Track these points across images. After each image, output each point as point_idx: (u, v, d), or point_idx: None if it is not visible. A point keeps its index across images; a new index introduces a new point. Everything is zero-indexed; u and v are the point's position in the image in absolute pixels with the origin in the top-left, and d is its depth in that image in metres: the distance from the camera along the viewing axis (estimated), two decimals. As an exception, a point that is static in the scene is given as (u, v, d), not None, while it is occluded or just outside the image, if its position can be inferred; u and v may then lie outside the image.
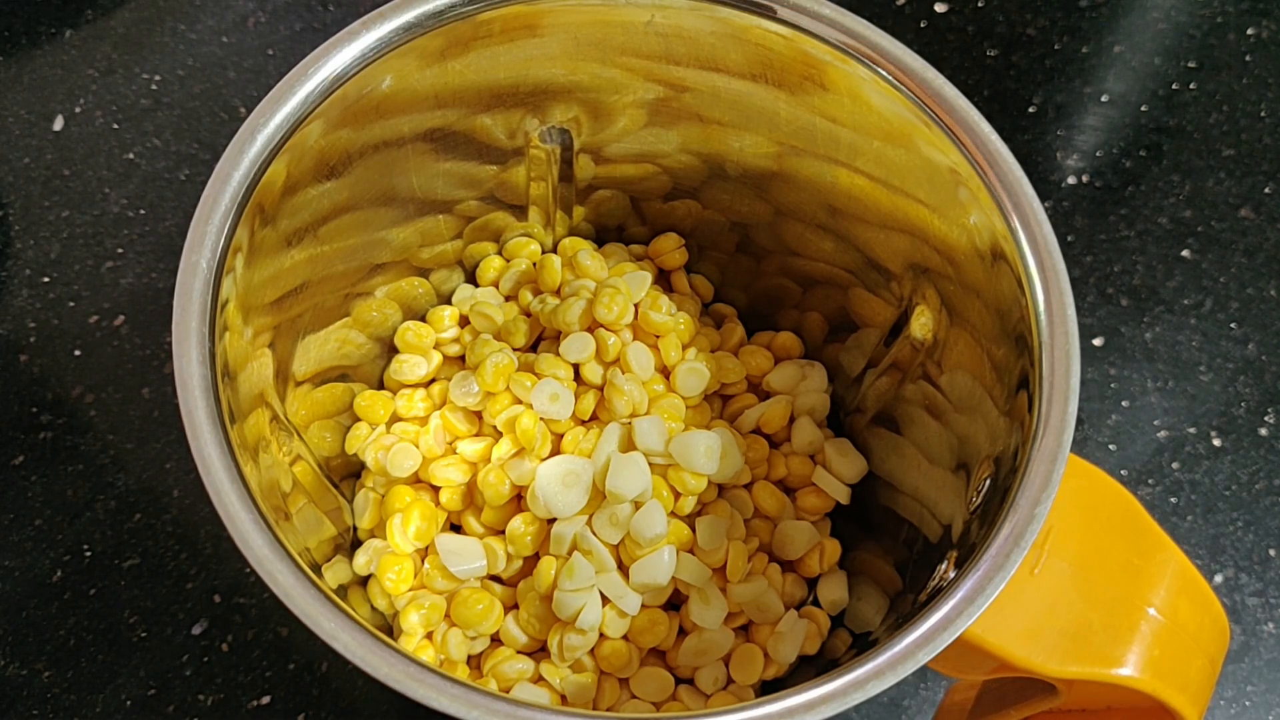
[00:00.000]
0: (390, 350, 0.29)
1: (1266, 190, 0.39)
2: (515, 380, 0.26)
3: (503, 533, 0.26)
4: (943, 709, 0.29)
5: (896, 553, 0.26)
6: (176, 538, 0.32)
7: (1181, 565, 0.22)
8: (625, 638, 0.25)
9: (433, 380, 0.28)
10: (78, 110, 0.38)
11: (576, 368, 0.27)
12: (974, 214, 0.23)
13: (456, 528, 0.27)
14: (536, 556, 0.25)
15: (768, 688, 0.26)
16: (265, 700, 0.30)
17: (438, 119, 0.25)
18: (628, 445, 0.25)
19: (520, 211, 0.29)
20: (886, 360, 0.27)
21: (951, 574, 0.20)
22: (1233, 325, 0.37)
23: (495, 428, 0.26)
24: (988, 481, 0.22)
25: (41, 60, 0.39)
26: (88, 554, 0.31)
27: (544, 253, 0.30)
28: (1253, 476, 0.35)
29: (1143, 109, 0.40)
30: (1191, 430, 0.35)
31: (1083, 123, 0.40)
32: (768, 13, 0.23)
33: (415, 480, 0.27)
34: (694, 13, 0.24)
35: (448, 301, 0.30)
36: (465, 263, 0.30)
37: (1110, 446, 0.35)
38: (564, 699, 0.25)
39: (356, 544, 0.27)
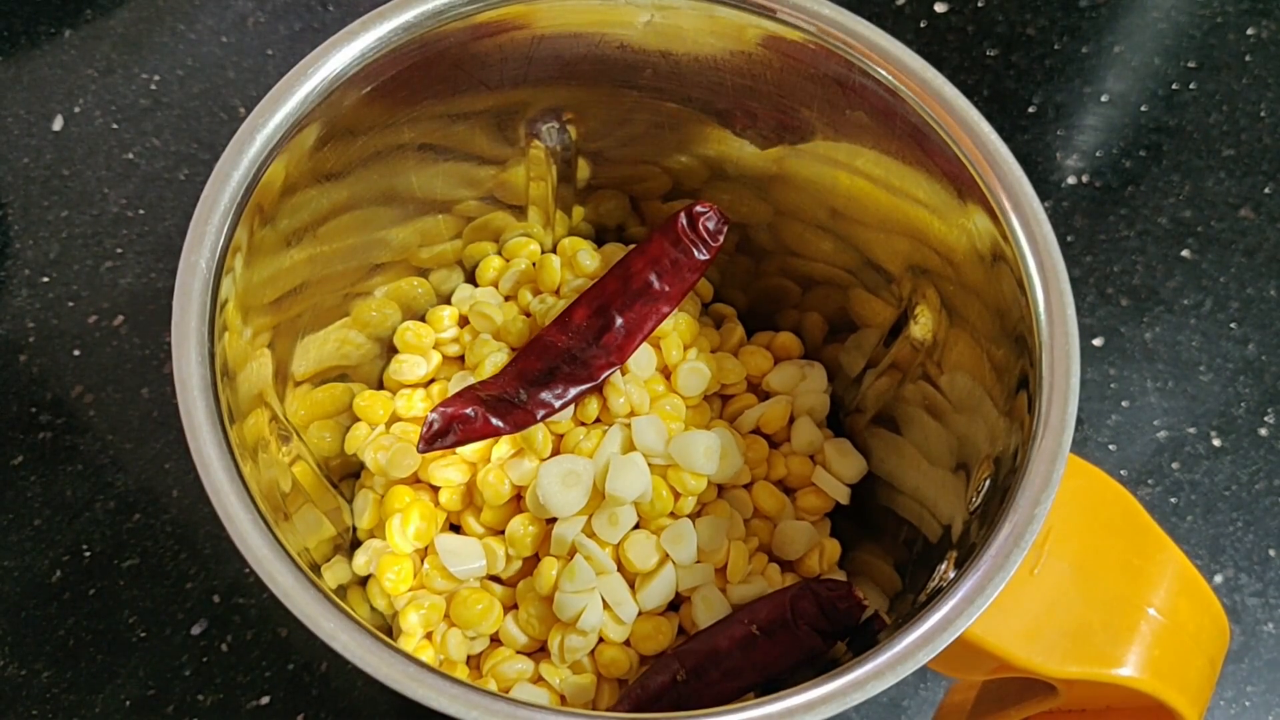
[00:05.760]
0: (390, 350, 0.29)
1: (1266, 190, 0.39)
2: (515, 380, 0.26)
3: (502, 533, 0.26)
4: (942, 709, 0.29)
5: (896, 553, 0.26)
6: (176, 538, 0.32)
7: (1181, 565, 0.22)
8: (626, 643, 0.25)
9: (432, 380, 0.28)
10: (77, 110, 0.38)
11: (576, 368, 0.26)
12: (974, 214, 0.23)
13: (456, 528, 0.27)
14: (536, 557, 0.25)
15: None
16: (264, 700, 0.30)
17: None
18: (630, 448, 0.25)
19: (520, 211, 0.29)
20: (886, 360, 0.27)
21: (951, 574, 0.20)
22: (1232, 325, 0.37)
23: (495, 428, 0.26)
24: (987, 481, 0.22)
25: (41, 60, 0.39)
26: (87, 554, 0.31)
27: (543, 253, 0.30)
28: (1252, 476, 0.35)
29: (1143, 109, 0.40)
30: (1191, 430, 0.35)
31: (1083, 123, 0.40)
32: (768, 13, 0.23)
33: (415, 480, 0.27)
34: (693, 13, 0.24)
35: (447, 301, 0.30)
36: (465, 263, 0.30)
37: (1110, 446, 0.35)
38: (563, 699, 0.25)
39: (356, 544, 0.27)
